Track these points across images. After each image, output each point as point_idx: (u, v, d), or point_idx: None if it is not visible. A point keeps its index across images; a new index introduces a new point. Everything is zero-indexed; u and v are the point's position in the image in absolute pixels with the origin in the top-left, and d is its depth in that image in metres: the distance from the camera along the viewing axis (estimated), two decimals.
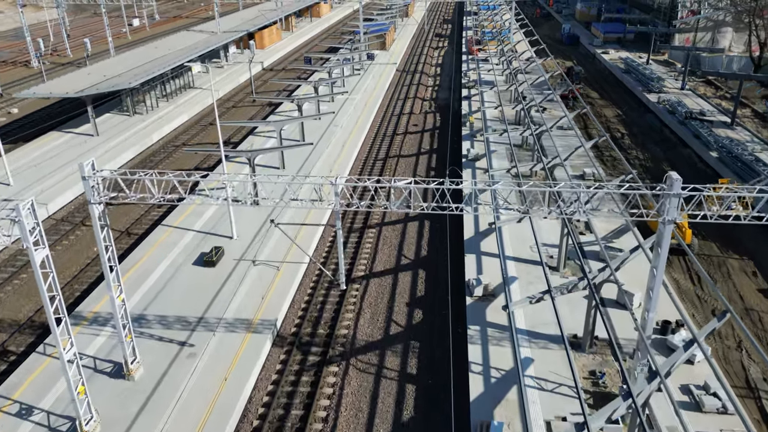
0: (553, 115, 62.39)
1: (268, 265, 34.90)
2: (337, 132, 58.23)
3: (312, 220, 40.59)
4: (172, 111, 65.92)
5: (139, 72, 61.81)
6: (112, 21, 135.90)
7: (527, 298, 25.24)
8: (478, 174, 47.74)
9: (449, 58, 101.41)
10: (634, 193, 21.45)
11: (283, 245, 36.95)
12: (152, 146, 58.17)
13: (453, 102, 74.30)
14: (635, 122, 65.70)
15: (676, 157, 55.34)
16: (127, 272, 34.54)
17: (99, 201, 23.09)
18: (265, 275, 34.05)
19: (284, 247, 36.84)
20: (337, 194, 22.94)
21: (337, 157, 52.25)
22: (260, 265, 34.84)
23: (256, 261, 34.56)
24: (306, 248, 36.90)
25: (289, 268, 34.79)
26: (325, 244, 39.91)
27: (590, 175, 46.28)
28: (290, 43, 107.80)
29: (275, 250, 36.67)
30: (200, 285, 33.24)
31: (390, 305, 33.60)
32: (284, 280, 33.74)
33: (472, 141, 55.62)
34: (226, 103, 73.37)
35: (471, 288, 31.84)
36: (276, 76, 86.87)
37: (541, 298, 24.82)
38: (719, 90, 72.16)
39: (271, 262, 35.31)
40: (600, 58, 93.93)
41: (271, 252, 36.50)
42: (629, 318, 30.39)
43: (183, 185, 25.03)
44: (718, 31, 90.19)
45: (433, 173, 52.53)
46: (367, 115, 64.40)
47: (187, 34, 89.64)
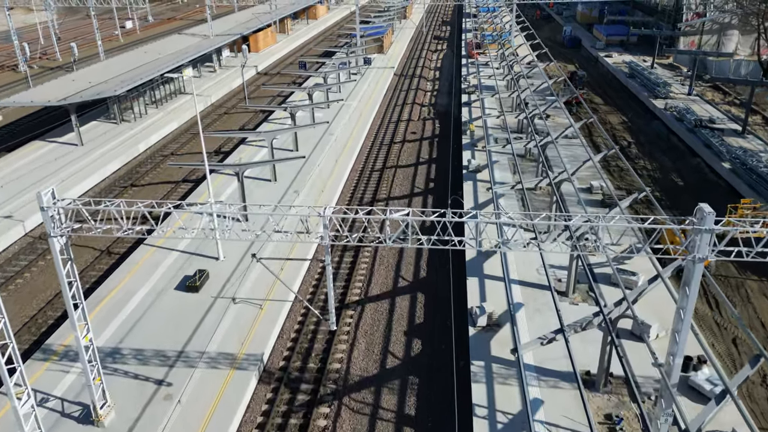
0: (557, 123, 60.10)
1: (249, 303, 31.53)
2: (332, 141, 55.85)
3: (298, 252, 36.91)
4: (161, 118, 63.50)
5: (125, 78, 59.38)
6: (104, 23, 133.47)
7: (538, 340, 22.88)
8: (480, 187, 45.37)
9: (448, 62, 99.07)
10: (660, 229, 19.03)
11: (268, 277, 33.44)
12: (139, 156, 55.72)
13: (452, 108, 71.96)
14: (641, 130, 63.37)
15: (685, 167, 53.00)
16: (103, 299, 32.13)
17: (60, 233, 20.67)
18: (246, 312, 31.63)
19: (269, 280, 33.09)
20: (326, 226, 20.53)
21: (332, 169, 49.87)
22: (241, 303, 31.57)
23: (236, 299, 31.35)
24: (292, 280, 33.77)
25: (275, 300, 32.29)
26: (314, 275, 36.42)
27: (597, 188, 43.95)
28: (286, 45, 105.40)
29: (258, 284, 33.05)
30: (182, 313, 30.83)
31: (387, 334, 31.22)
32: (271, 311, 31.36)
33: (472, 150, 53.29)
34: (219, 109, 70.96)
35: (474, 317, 29.47)
36: (270, 80, 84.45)
37: (554, 338, 22.47)
38: (727, 95, 69.87)
39: (253, 299, 31.82)
40: (603, 61, 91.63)
41: (253, 286, 32.96)
42: (645, 350, 28.18)
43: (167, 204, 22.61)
44: (724, 33, 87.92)
45: (432, 185, 50.17)
46: (363, 123, 62.03)
47: (178, 38, 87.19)
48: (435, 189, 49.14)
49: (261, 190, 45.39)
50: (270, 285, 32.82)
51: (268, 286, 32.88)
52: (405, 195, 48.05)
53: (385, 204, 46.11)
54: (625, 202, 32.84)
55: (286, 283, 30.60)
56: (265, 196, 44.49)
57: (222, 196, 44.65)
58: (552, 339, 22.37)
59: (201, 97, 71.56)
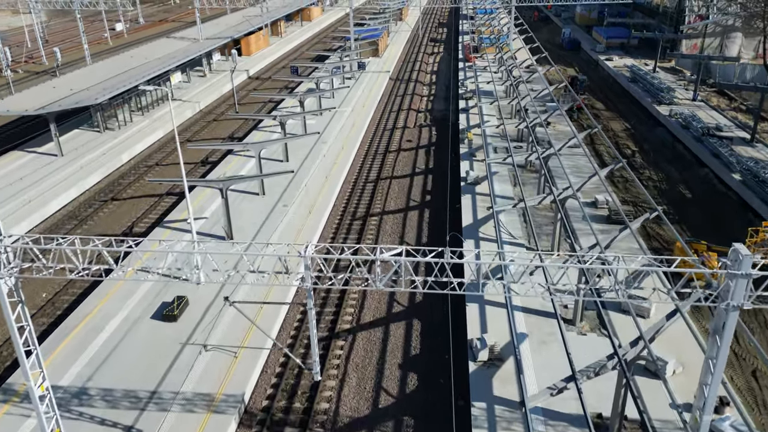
0: (558, 130, 57.89)
1: (221, 350, 27.96)
2: (325, 150, 53.47)
3: (276, 293, 32.10)
4: (147, 126, 61.00)
5: (108, 85, 56.89)
6: (95, 25, 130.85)
7: (547, 390, 20.53)
8: (479, 201, 43.02)
9: (445, 65, 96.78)
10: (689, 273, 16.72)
11: (244, 319, 29.51)
12: (122, 167, 53.24)
13: (449, 114, 69.65)
14: (645, 137, 61.16)
15: (693, 178, 50.78)
16: (73, 329, 29.69)
17: (8, 274, 18.25)
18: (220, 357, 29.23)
19: (245, 322, 29.12)
20: (308, 267, 18.16)
21: (324, 181, 47.48)
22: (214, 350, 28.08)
23: (208, 346, 27.91)
24: (272, 320, 30.24)
25: (257, 332, 29.53)
26: (296, 314, 32.61)
27: (603, 202, 41.67)
28: (279, 48, 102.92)
29: (233, 327, 29.38)
30: (157, 346, 28.41)
31: (380, 368, 28.85)
32: (254, 345, 28.95)
33: (471, 161, 51.00)
34: (208, 116, 68.47)
35: (474, 351, 27.14)
36: (261, 85, 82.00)
37: (565, 387, 20.12)
38: (733, 101, 67.73)
39: (227, 347, 28.09)
40: (603, 65, 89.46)
41: (228, 329, 29.24)
42: (661, 387, 25.94)
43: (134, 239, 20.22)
44: (727, 36, 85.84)
45: (428, 197, 47.82)
46: (357, 131, 59.67)
47: (167, 42, 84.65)
48: (432, 202, 46.81)
49: (248, 204, 43.01)
50: (247, 328, 29.35)
51: (244, 330, 29.23)
52: (400, 209, 45.69)
53: (379, 219, 43.77)
54: (635, 224, 30.57)
55: (263, 329, 26.74)
56: (252, 210, 42.12)
57: (207, 212, 42.28)
58: (563, 388, 20.03)
59: (189, 104, 69.12)
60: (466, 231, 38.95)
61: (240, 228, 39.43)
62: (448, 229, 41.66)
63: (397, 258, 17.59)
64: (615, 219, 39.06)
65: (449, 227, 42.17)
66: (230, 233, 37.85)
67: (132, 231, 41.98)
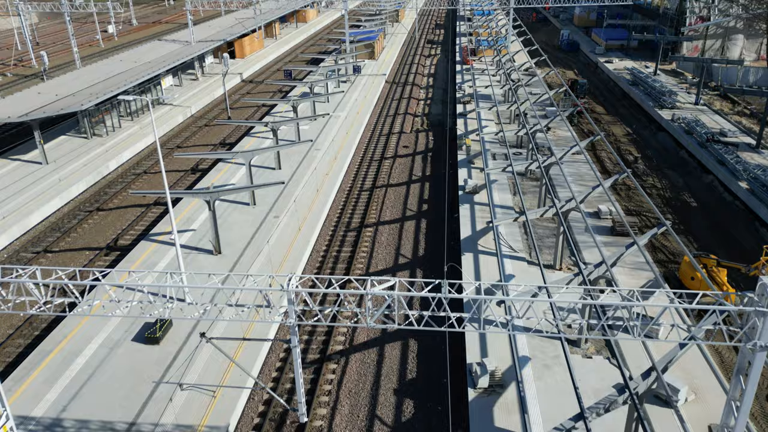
0: (558, 136, 56.41)
1: (199, 390, 25.47)
2: (319, 157, 51.88)
3: (259, 325, 29.19)
4: (136, 132, 59.32)
5: (95, 91, 55.21)
6: (88, 27, 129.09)
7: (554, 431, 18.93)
8: (478, 211, 41.47)
9: (442, 67, 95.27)
10: (713, 310, 15.18)
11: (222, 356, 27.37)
12: (109, 175, 51.57)
13: (447, 118, 68.13)
14: (648, 142, 59.71)
15: (697, 185, 49.34)
16: (50, 353, 28.03)
17: None
18: (212, 373, 27.60)
19: (225, 358, 26.91)
20: (292, 301, 16.56)
21: (317, 190, 45.89)
22: (189, 389, 25.57)
23: (184, 385, 25.48)
24: (254, 355, 27.52)
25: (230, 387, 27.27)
26: (282, 345, 29.94)
27: (606, 213, 40.14)
28: (274, 51, 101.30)
29: (212, 363, 26.73)
30: (138, 371, 26.77)
31: (374, 393, 27.27)
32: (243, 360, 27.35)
33: (469, 168, 49.46)
34: (199, 121, 66.80)
35: (474, 377, 25.57)
36: (255, 89, 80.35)
37: (573, 427, 18.54)
38: (737, 105, 66.33)
39: (203, 386, 25.65)
40: (603, 67, 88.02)
41: (206, 365, 26.63)
42: (673, 414, 24.46)
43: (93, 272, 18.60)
44: (728, 38, 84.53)
45: (425, 206, 46.26)
46: (352, 137, 58.08)
47: (158, 45, 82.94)
48: (429, 211, 45.26)
49: (238, 216, 41.39)
50: (227, 364, 26.86)
51: (224, 366, 26.71)
52: (396, 219, 44.12)
53: (375, 229, 42.20)
54: (642, 239, 29.00)
55: (244, 366, 24.11)
56: (242, 221, 40.50)
57: (195, 223, 40.65)
58: (571, 428, 18.46)
59: (180, 108, 67.44)
60: (464, 243, 37.41)
61: (229, 241, 37.82)
62: (446, 239, 40.12)
63: (390, 293, 15.94)
64: (619, 231, 37.55)
65: (447, 238, 40.63)
66: (218, 247, 36.24)
67: (117, 244, 40.33)
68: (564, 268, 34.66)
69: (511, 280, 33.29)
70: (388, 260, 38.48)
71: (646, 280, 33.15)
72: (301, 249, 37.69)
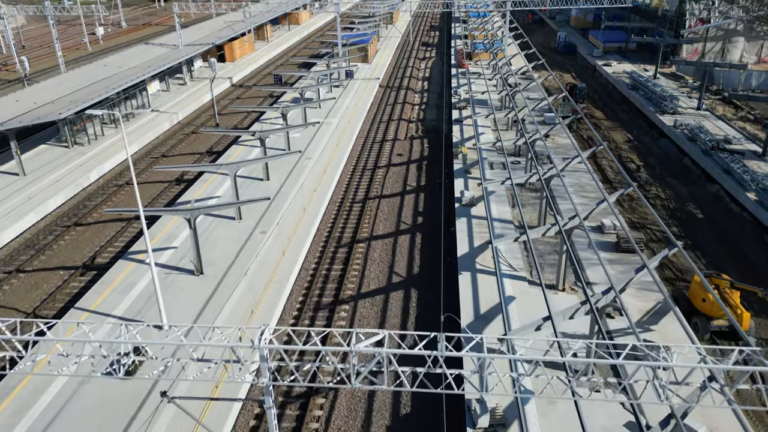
0: (558, 143, 54.49)
1: None
2: (310, 166, 49.76)
3: (227, 384, 25.62)
4: (120, 141, 57.04)
5: (76, 98, 52.95)
6: (74, 29, 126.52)
7: None
8: (476, 225, 39.46)
9: (437, 71, 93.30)
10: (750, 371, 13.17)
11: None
12: (89, 187, 49.32)
13: (442, 124, 66.14)
14: (650, 150, 57.85)
15: (703, 195, 47.48)
16: (13, 390, 25.85)
17: None
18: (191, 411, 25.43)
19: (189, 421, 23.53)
20: (264, 358, 14.45)
21: (307, 202, 43.79)
22: None
23: None
24: (225, 415, 24.23)
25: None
26: (259, 395, 27.00)
27: (610, 227, 38.17)
28: (265, 53, 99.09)
29: (176, 423, 23.54)
30: (107, 409, 24.61)
31: (365, 431, 25.21)
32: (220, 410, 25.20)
33: (465, 179, 47.46)
34: (186, 128, 64.56)
35: (474, 416, 23.52)
36: (244, 94, 78.15)
37: None
38: (740, 110, 64.60)
39: None
40: (601, 70, 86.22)
41: (170, 424, 23.43)
42: None
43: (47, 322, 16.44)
44: (729, 40, 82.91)
45: (420, 219, 44.22)
46: (345, 144, 55.99)
47: (145, 48, 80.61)
48: (424, 224, 43.20)
49: (223, 231, 39.25)
50: (193, 427, 23.60)
51: (190, 428, 23.51)
52: (390, 233, 42.05)
53: (367, 245, 40.12)
54: (653, 262, 27.05)
55: (211, 430, 22.65)
56: (227, 238, 38.35)
57: (177, 240, 38.47)
58: None
59: (167, 115, 65.20)
60: (461, 261, 35.39)
61: (211, 260, 35.65)
62: (442, 257, 38.09)
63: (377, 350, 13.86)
64: (624, 247, 35.58)
65: (443, 254, 38.60)
66: (200, 267, 34.08)
67: (94, 262, 38.12)
68: (567, 289, 32.68)
69: (511, 302, 31.30)
70: (381, 279, 36.41)
71: (655, 302, 31.20)
72: (289, 268, 35.60)
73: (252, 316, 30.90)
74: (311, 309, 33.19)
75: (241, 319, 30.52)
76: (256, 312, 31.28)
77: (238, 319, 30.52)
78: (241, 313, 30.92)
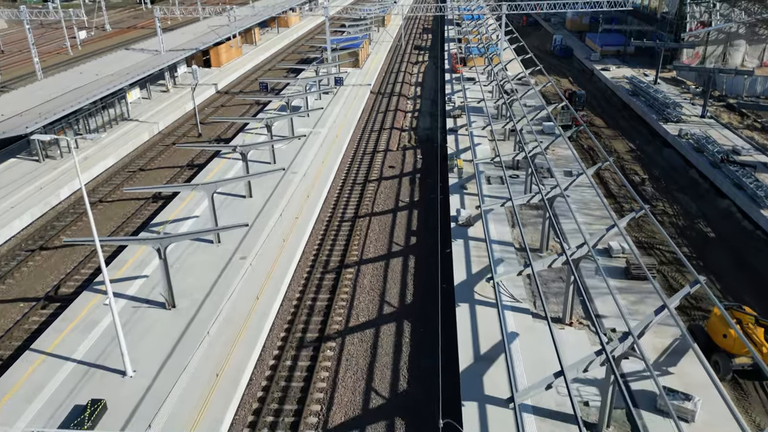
0: (558, 155, 51.74)
1: None
2: (296, 182, 46.77)
3: None
4: (95, 154, 53.90)
5: (46, 109, 49.74)
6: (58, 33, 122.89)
7: None
8: (473, 249, 36.56)
9: (430, 76, 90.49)
10: None
11: None
12: (59, 205, 46.11)
13: (436, 132, 63.28)
14: (653, 160, 55.17)
15: (713, 212, 44.80)
16: None
17: None
18: None
19: None
20: None
21: (293, 222, 40.78)
22: None
23: None
24: None
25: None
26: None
27: (618, 250, 35.37)
28: (253, 58, 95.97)
29: None
30: None
31: None
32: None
33: (461, 194, 44.58)
34: (167, 139, 61.37)
35: None
36: (229, 101, 74.99)
37: None
38: (746, 117, 62.12)
39: None
40: (599, 75, 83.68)
41: None
42: None
43: None
44: (730, 44, 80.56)
45: (414, 239, 41.30)
46: (334, 157, 53.02)
47: (124, 54, 77.34)
48: (418, 246, 40.28)
49: (200, 256, 36.17)
50: None
51: None
52: (381, 256, 39.10)
53: (356, 269, 37.15)
54: (674, 300, 24.16)
55: None
56: (204, 264, 35.28)
57: (149, 267, 35.28)
58: None
59: (147, 125, 62.03)
60: (458, 290, 32.48)
61: (186, 291, 32.57)
62: (439, 286, 35.15)
63: None
64: (635, 274, 32.77)
65: (440, 280, 35.68)
66: (171, 301, 31.02)
67: (57, 293, 34.95)
68: (575, 323, 29.85)
69: (514, 339, 28.43)
70: (371, 309, 33.44)
71: (672, 338, 28.41)
72: (271, 297, 32.59)
73: (228, 358, 27.84)
74: (294, 347, 30.17)
75: (216, 362, 27.47)
76: (233, 352, 28.24)
77: (211, 361, 27.47)
78: (215, 356, 27.87)
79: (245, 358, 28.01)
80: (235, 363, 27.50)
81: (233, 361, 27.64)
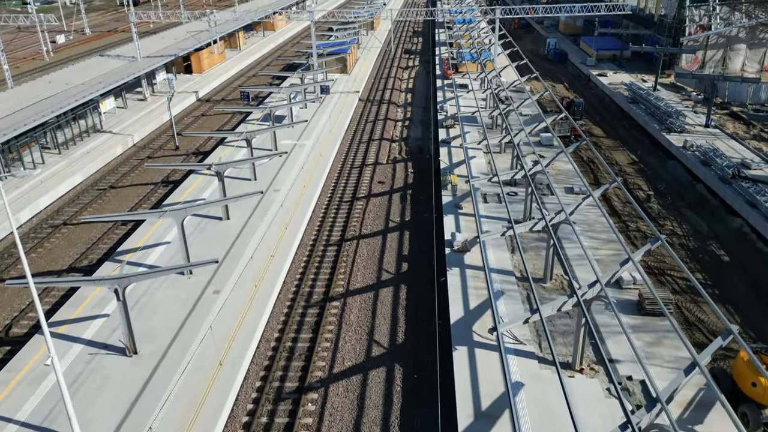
0: (558, 169, 48.68)
1: None
2: (278, 200, 43.32)
3: None
4: (63, 170, 50.18)
5: (6, 124, 45.97)
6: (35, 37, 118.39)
7: None
8: (470, 278, 33.29)
9: (421, 82, 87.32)
10: None
11: None
12: (20, 228, 42.38)
13: (428, 142, 60.05)
14: (657, 174, 52.24)
15: (725, 232, 41.87)
16: None
17: None
18: None
19: None
20: None
21: (274, 248, 37.35)
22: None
23: None
24: None
25: None
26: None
27: (629, 281, 32.25)
28: (237, 63, 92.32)
29: None
30: None
31: None
32: None
33: (456, 215, 41.28)
34: (141, 152, 57.65)
35: None
36: (210, 110, 71.31)
37: None
38: (751, 127, 59.39)
39: None
40: (596, 80, 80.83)
41: None
42: None
43: None
44: (730, 48, 77.99)
45: (406, 266, 38.01)
46: (319, 173, 49.63)
47: (98, 61, 73.45)
48: (409, 274, 37.00)
49: (168, 291, 32.61)
50: None
51: None
52: (369, 286, 35.77)
53: (342, 303, 33.80)
54: (704, 356, 21.08)
55: None
56: (173, 300, 31.76)
57: (109, 306, 31.60)
58: None
59: (121, 137, 58.32)
60: (455, 329, 29.20)
61: (151, 333, 29.05)
62: (436, 323, 31.86)
63: None
64: (650, 311, 29.67)
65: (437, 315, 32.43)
66: (132, 347, 27.50)
67: (8, 334, 31.31)
68: (586, 369, 26.66)
69: (519, 391, 25.18)
70: (358, 351, 30.09)
71: (696, 389, 25.28)
72: (247, 338, 29.18)
73: (195, 416, 24.38)
74: (270, 400, 26.75)
75: (179, 423, 23.99)
76: (201, 409, 24.78)
77: (173, 422, 23.99)
78: (179, 413, 24.39)
79: (214, 415, 24.56)
80: (202, 424, 24.04)
81: (201, 420, 24.19)
